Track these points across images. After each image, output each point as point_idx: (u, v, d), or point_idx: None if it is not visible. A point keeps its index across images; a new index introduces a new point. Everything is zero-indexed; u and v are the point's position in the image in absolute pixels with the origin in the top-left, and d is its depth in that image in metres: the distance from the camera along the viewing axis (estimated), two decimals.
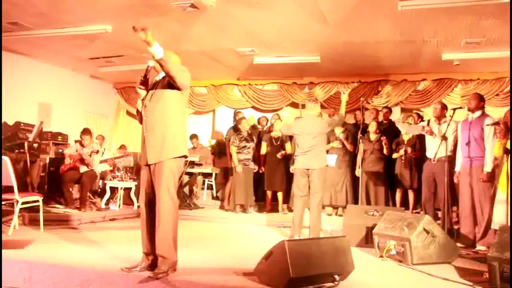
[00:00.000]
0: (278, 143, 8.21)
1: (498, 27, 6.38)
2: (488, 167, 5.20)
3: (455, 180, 5.69)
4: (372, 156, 7.50)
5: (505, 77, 8.47)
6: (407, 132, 7.12)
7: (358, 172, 7.52)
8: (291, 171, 7.94)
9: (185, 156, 3.79)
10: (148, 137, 3.70)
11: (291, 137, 8.01)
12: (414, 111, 9.11)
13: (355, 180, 7.73)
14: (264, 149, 8.34)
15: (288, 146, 8.14)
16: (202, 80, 10.53)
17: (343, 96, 5.94)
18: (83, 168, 7.60)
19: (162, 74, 3.80)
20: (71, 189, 7.68)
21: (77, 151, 7.65)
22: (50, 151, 8.65)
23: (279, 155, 8.04)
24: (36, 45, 8.19)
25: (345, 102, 5.89)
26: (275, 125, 8.35)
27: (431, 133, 6.07)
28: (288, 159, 8.09)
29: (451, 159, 5.79)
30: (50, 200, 7.70)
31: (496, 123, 5.30)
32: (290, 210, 7.57)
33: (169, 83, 3.67)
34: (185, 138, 3.90)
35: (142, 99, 3.82)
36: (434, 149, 5.94)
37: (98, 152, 7.76)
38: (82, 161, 7.59)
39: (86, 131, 7.86)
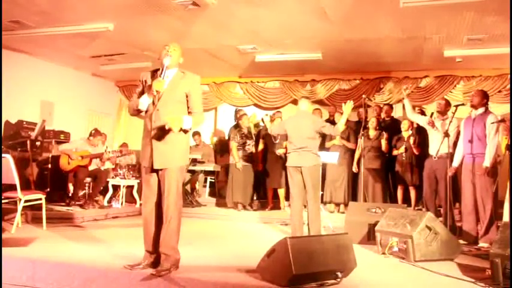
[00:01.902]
0: (277, 140, 8.21)
1: (500, 24, 6.35)
2: (487, 162, 5.18)
3: (449, 174, 5.66)
4: (370, 154, 7.49)
5: (508, 74, 8.43)
6: (410, 117, 6.63)
7: (355, 168, 7.52)
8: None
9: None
10: (156, 142, 3.67)
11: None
12: (416, 107, 9.09)
13: (355, 177, 7.74)
14: (261, 146, 8.33)
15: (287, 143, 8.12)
16: (204, 77, 10.48)
17: (347, 107, 5.51)
18: (91, 166, 7.65)
19: (172, 71, 3.75)
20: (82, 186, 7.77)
21: (76, 149, 7.66)
22: (53, 149, 8.66)
23: (279, 152, 8.03)
24: (38, 43, 8.19)
25: (346, 115, 5.51)
26: (275, 123, 8.34)
27: (433, 125, 6.04)
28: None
29: (452, 156, 5.78)
30: (52, 198, 7.72)
31: (502, 121, 5.28)
32: None
33: (181, 93, 3.70)
34: (189, 145, 4.02)
35: (153, 102, 3.69)
36: (436, 145, 5.93)
37: (121, 152, 7.89)
38: (99, 159, 7.72)
39: (98, 132, 7.92)
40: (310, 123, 5.62)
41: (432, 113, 6.44)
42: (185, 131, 3.68)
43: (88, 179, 7.81)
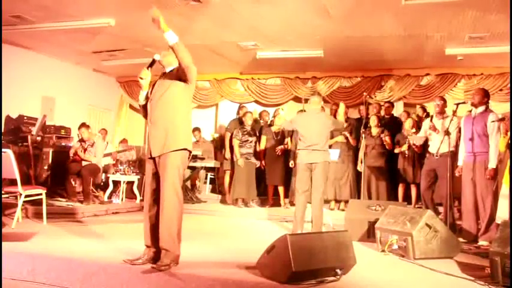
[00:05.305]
0: (279, 137, 8.20)
1: (502, 22, 6.34)
2: (493, 163, 5.17)
3: (456, 174, 5.67)
4: (374, 152, 7.49)
5: (509, 72, 8.43)
6: (413, 141, 6.78)
7: (360, 167, 7.50)
8: (290, 165, 7.95)
9: (189, 151, 3.78)
10: (152, 130, 3.73)
11: (292, 132, 8.00)
12: (418, 105, 9.09)
13: (358, 175, 7.73)
14: (263, 143, 8.32)
15: (289, 140, 8.12)
16: (205, 74, 10.50)
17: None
18: (85, 162, 7.63)
19: (169, 69, 3.84)
20: (73, 182, 7.70)
21: (79, 143, 7.69)
22: (53, 144, 8.66)
23: (278, 149, 8.01)
24: (39, 38, 8.19)
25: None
26: (276, 120, 8.32)
27: (435, 129, 6.04)
28: (289, 154, 8.07)
29: (454, 155, 5.77)
30: (53, 193, 7.72)
31: (502, 120, 5.27)
32: (292, 204, 7.58)
33: (176, 76, 3.69)
34: (189, 132, 3.92)
35: (146, 96, 3.84)
36: (437, 144, 5.92)
37: (93, 144, 7.73)
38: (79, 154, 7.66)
39: (81, 125, 7.90)
40: (322, 122, 5.77)
41: (432, 116, 6.41)
42: (172, 48, 3.61)
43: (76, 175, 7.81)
